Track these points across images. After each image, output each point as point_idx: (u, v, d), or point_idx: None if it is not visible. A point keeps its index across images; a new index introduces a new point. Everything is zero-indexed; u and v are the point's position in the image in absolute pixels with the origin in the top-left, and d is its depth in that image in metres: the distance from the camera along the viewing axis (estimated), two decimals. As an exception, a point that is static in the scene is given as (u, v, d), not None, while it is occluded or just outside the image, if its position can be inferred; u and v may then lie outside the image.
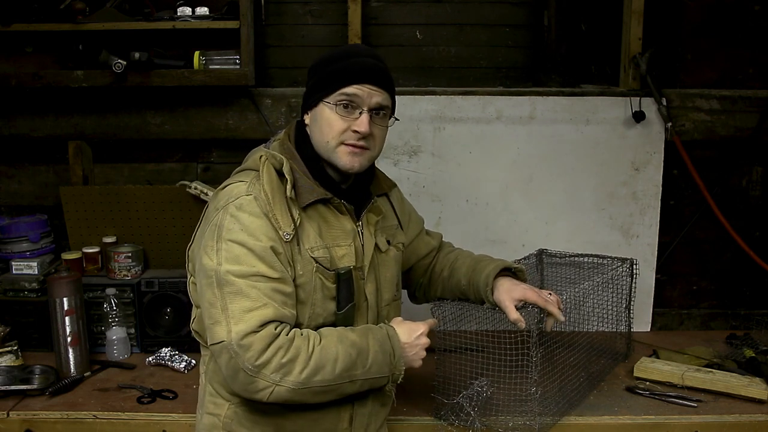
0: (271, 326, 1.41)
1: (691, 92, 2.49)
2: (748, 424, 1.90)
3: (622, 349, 2.28)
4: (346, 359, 1.46)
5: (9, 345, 2.19)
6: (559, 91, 2.51)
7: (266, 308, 1.42)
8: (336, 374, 1.45)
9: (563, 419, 1.89)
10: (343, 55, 1.55)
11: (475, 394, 1.86)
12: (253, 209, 1.46)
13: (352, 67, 1.52)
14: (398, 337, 1.55)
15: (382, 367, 1.51)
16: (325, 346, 1.45)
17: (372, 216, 1.64)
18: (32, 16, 2.36)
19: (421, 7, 2.69)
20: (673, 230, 2.59)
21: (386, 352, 1.52)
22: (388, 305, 1.68)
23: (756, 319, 2.45)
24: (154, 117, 2.53)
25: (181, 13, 2.38)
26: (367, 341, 1.50)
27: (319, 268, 1.52)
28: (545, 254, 2.38)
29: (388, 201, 1.76)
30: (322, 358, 1.43)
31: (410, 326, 1.59)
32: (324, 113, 1.53)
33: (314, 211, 1.55)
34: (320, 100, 1.53)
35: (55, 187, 2.56)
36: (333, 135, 1.52)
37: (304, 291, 1.51)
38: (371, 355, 1.49)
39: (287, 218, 1.48)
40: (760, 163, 2.57)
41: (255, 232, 1.44)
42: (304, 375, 1.41)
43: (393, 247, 1.70)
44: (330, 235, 1.56)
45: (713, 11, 2.48)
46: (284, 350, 1.40)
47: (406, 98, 2.47)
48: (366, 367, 1.49)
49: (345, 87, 1.51)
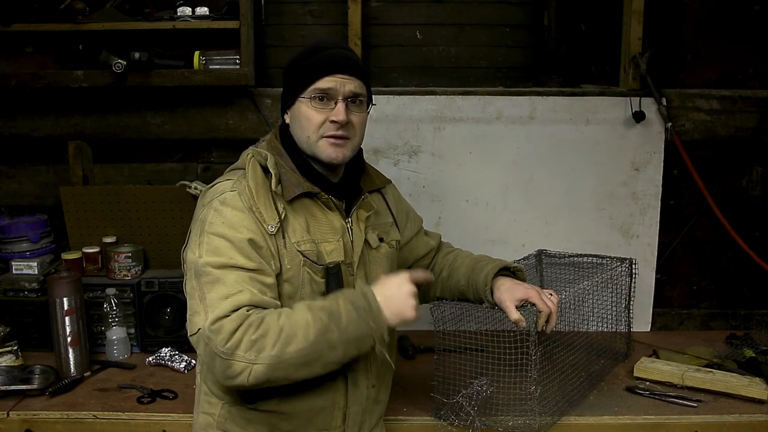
0: (243, 309, 1.41)
1: (691, 92, 2.49)
2: (748, 424, 1.90)
3: (622, 349, 2.28)
4: (317, 323, 1.41)
5: (9, 345, 2.19)
6: (559, 91, 2.51)
7: (242, 294, 1.42)
8: (311, 341, 1.40)
9: (563, 419, 1.89)
10: (311, 50, 1.57)
11: (475, 394, 1.86)
12: (235, 204, 1.48)
13: (322, 60, 1.54)
14: (375, 291, 1.47)
15: (360, 324, 1.43)
16: (293, 315, 1.42)
17: (362, 212, 1.64)
18: (32, 16, 2.36)
19: (421, 7, 2.69)
20: (673, 230, 2.59)
21: (360, 307, 1.44)
22: None
23: (756, 319, 2.45)
24: (154, 117, 2.53)
25: (181, 13, 2.38)
26: (337, 302, 1.45)
27: (307, 262, 1.52)
28: (545, 254, 2.38)
29: (382, 198, 1.76)
30: (292, 327, 1.40)
31: (388, 280, 1.51)
32: (301, 110, 1.54)
33: (301, 206, 1.56)
34: (296, 98, 1.55)
35: (55, 187, 2.56)
36: (312, 129, 1.54)
37: (292, 285, 1.52)
38: (344, 314, 1.43)
39: (272, 212, 1.49)
40: (760, 163, 2.57)
41: (236, 224, 1.46)
42: (276, 348, 1.38)
43: (385, 245, 1.70)
44: (318, 230, 1.56)
45: (713, 11, 2.47)
46: (254, 327, 1.39)
47: (406, 98, 2.47)
48: (342, 328, 1.42)
49: (317, 81, 1.53)
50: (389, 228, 1.74)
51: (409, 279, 1.50)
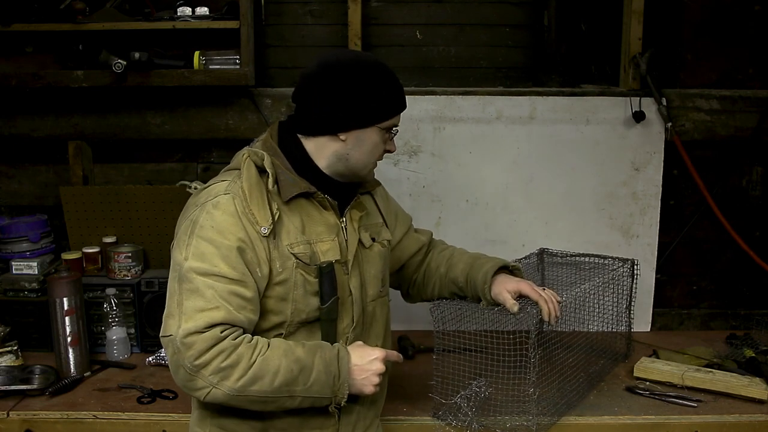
0: (218, 329, 1.42)
1: (691, 92, 2.49)
2: (748, 424, 1.90)
3: (622, 349, 2.28)
4: (286, 374, 1.44)
5: (9, 345, 2.19)
6: (559, 91, 2.51)
7: (217, 311, 1.42)
8: (274, 387, 1.44)
9: (563, 419, 1.89)
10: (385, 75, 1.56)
11: (473, 395, 1.86)
12: (227, 208, 1.47)
13: (401, 94, 1.59)
14: (349, 359, 1.51)
15: (324, 387, 1.48)
16: (269, 357, 1.44)
17: (356, 212, 1.65)
18: (32, 16, 2.36)
19: (421, 7, 2.69)
20: (673, 230, 2.59)
21: (330, 373, 1.48)
22: (374, 301, 1.68)
23: (756, 319, 2.45)
24: (154, 117, 2.53)
25: (181, 13, 2.38)
26: (313, 359, 1.47)
27: (299, 264, 1.52)
28: (546, 254, 2.38)
29: (372, 199, 1.77)
30: (262, 369, 1.43)
31: (366, 350, 1.55)
32: (374, 138, 1.56)
33: (297, 206, 1.55)
34: (372, 124, 1.55)
35: (55, 187, 2.56)
36: (377, 157, 1.60)
37: (285, 287, 1.52)
38: (314, 374, 1.47)
39: (265, 212, 1.49)
40: (760, 163, 2.57)
41: (224, 230, 1.45)
42: (240, 383, 1.42)
43: (378, 244, 1.70)
44: (314, 230, 1.56)
45: (713, 11, 2.47)
46: (225, 354, 1.41)
47: (407, 98, 2.46)
48: (307, 385, 1.46)
49: (397, 115, 1.59)
50: (380, 228, 1.74)
51: (383, 357, 1.54)
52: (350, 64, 1.53)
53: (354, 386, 1.51)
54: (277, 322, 1.54)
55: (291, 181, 1.54)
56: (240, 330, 1.46)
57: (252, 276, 1.47)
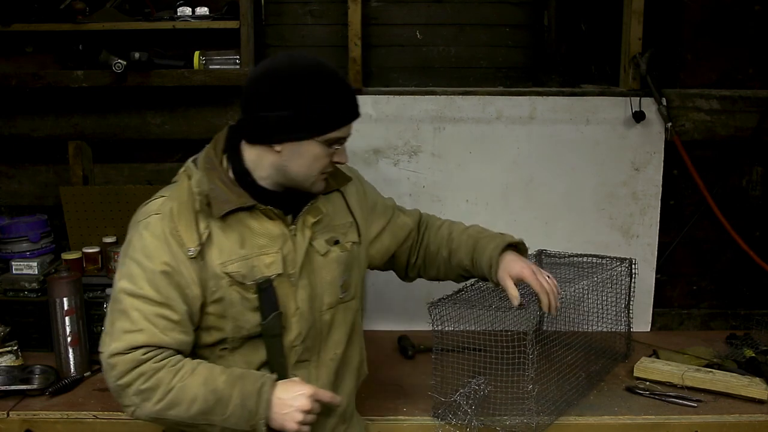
0: (139, 351, 1.43)
1: (691, 92, 2.48)
2: (748, 424, 1.90)
3: (621, 349, 2.28)
4: (202, 404, 1.43)
5: (9, 345, 2.19)
6: (559, 91, 2.51)
7: (140, 334, 1.43)
8: (190, 415, 1.43)
9: (563, 419, 1.89)
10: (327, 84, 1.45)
11: (473, 393, 1.87)
12: (155, 230, 1.46)
13: (346, 105, 1.48)
14: (272, 394, 1.45)
15: (240, 421, 1.44)
16: (187, 385, 1.43)
17: (309, 218, 1.57)
18: (32, 16, 2.36)
19: (421, 7, 2.69)
20: (673, 230, 2.59)
21: (246, 408, 1.44)
22: (333, 308, 1.61)
23: (756, 319, 2.45)
24: (154, 117, 2.54)
25: (181, 13, 2.38)
26: (231, 392, 1.44)
27: (233, 282, 1.48)
28: (544, 254, 2.38)
29: (341, 197, 1.68)
30: (178, 397, 1.43)
31: (294, 386, 1.48)
32: (313, 151, 1.46)
33: (236, 221, 1.49)
34: (310, 137, 1.45)
35: (55, 187, 2.56)
36: (320, 170, 1.50)
37: (222, 305, 1.49)
38: (231, 407, 1.44)
39: (192, 234, 1.46)
40: (760, 163, 2.57)
41: (151, 253, 1.45)
42: (158, 407, 1.43)
43: (337, 248, 1.61)
44: (255, 243, 1.50)
45: (713, 11, 2.47)
46: (145, 378, 1.42)
47: (406, 98, 2.47)
48: (224, 416, 1.44)
49: (341, 129, 1.47)
50: (347, 229, 1.66)
51: (311, 395, 1.47)
52: (289, 71, 1.44)
53: (275, 420, 1.45)
54: (220, 338, 1.53)
55: (223, 198, 1.47)
56: (167, 352, 1.46)
57: (181, 298, 1.46)
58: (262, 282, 1.49)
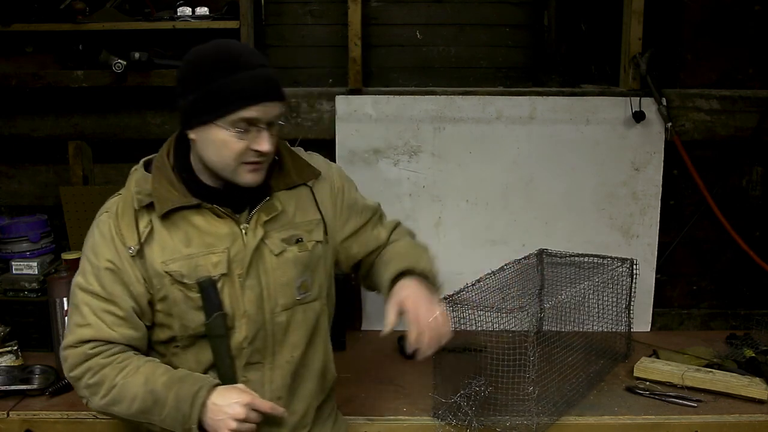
0: (87, 346, 1.46)
1: (691, 92, 2.49)
2: (748, 424, 1.90)
3: (621, 349, 2.28)
4: (141, 404, 1.44)
5: (9, 345, 2.19)
6: (559, 91, 2.51)
7: (88, 328, 1.46)
8: (131, 413, 1.46)
9: (563, 419, 1.89)
10: (228, 65, 1.39)
11: (473, 394, 1.86)
12: (103, 228, 1.49)
13: (246, 85, 1.38)
14: (208, 399, 1.42)
15: (175, 424, 1.44)
16: (129, 383, 1.45)
17: (262, 215, 1.51)
18: (32, 16, 2.36)
19: (421, 7, 2.69)
20: (673, 230, 2.59)
21: (181, 412, 1.42)
22: (289, 310, 1.55)
23: (756, 319, 2.45)
24: (154, 117, 2.54)
25: (181, 13, 2.38)
26: (168, 394, 1.43)
27: (174, 281, 1.47)
28: (545, 254, 2.38)
29: (309, 194, 1.60)
30: (120, 394, 1.45)
31: (232, 393, 1.44)
32: (218, 136, 1.39)
33: (181, 219, 1.47)
34: (211, 122, 1.39)
35: (55, 187, 2.56)
36: (233, 158, 1.41)
37: (167, 304, 1.49)
38: (166, 410, 1.43)
39: (132, 232, 1.46)
40: (760, 163, 2.57)
41: (98, 251, 1.48)
42: (103, 402, 1.46)
43: (296, 247, 1.54)
44: (201, 242, 1.47)
45: (713, 11, 2.47)
46: (92, 373, 1.46)
47: (406, 98, 2.47)
48: (161, 417, 1.44)
49: (243, 110, 1.37)
50: (313, 227, 1.58)
51: (247, 403, 1.43)
52: (196, 56, 1.43)
53: (210, 426, 1.43)
54: (170, 335, 1.52)
55: (165, 197, 1.46)
56: (117, 347, 1.48)
57: (126, 294, 1.47)
58: (203, 281, 1.46)
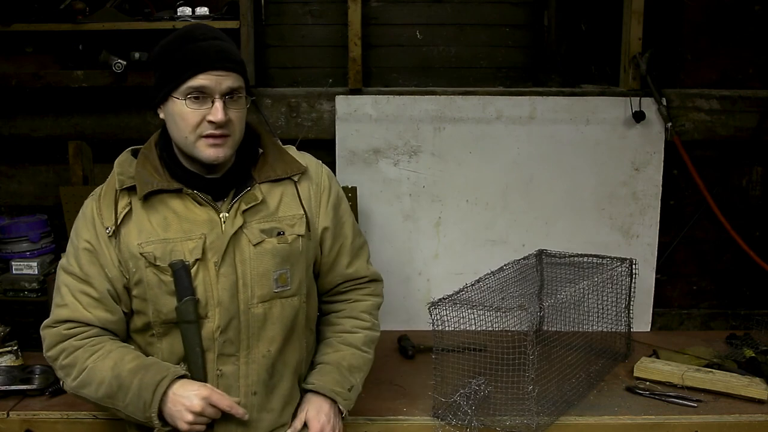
0: (64, 326, 1.50)
1: (691, 92, 2.49)
2: (748, 424, 1.90)
3: (621, 349, 2.28)
4: (107, 389, 1.47)
5: (9, 345, 2.19)
6: (559, 91, 2.51)
7: (64, 309, 1.52)
8: (99, 397, 1.49)
9: (563, 419, 1.89)
10: (182, 40, 1.46)
11: (473, 393, 1.86)
12: (86, 210, 1.55)
13: (194, 55, 1.44)
14: (170, 389, 1.45)
15: (137, 411, 1.47)
16: (98, 367, 1.49)
17: (242, 205, 1.53)
18: (32, 16, 2.36)
19: (421, 7, 2.69)
20: (673, 230, 2.59)
21: (142, 399, 1.45)
22: (267, 302, 1.55)
23: (756, 319, 2.45)
24: (154, 117, 2.47)
25: (181, 13, 2.38)
26: (132, 380, 1.46)
27: (148, 263, 1.50)
28: (545, 254, 2.38)
29: (294, 188, 1.61)
30: (89, 377, 1.49)
31: (193, 386, 1.47)
32: (175, 108, 1.46)
33: (161, 203, 1.52)
34: (168, 95, 1.46)
35: (55, 187, 2.56)
36: (189, 129, 1.45)
37: (141, 288, 1.52)
38: (129, 396, 1.46)
39: (110, 212, 1.52)
40: (760, 163, 2.57)
41: (79, 232, 1.54)
42: (75, 383, 1.50)
43: (275, 239, 1.55)
44: (180, 227, 1.51)
45: (713, 11, 2.47)
46: (66, 354, 1.50)
47: (406, 98, 2.47)
48: (125, 403, 1.47)
49: (191, 79, 1.43)
50: (296, 221, 1.59)
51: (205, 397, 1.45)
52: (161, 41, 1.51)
53: (169, 416, 1.46)
54: (145, 322, 1.54)
55: (146, 180, 1.51)
56: (93, 330, 1.51)
57: (102, 276, 1.51)
58: (175, 264, 1.49)
